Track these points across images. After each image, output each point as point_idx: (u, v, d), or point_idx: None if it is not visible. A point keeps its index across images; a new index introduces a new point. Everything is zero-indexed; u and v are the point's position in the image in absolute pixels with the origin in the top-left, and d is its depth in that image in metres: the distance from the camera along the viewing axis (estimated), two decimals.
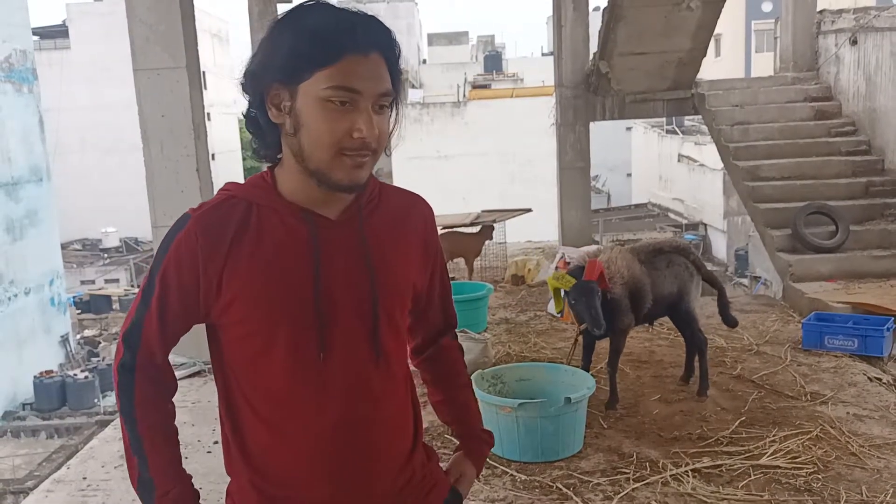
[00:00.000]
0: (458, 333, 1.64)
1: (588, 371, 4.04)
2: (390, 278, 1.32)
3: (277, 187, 1.29)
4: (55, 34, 31.50)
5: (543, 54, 35.48)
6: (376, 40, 1.22)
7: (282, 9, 8.95)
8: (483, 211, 8.76)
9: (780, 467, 3.34)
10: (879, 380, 4.50)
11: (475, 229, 7.74)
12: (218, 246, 1.24)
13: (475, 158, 23.74)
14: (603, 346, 4.27)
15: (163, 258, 1.27)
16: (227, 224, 1.25)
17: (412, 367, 1.49)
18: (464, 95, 28.56)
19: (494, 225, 7.74)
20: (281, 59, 1.20)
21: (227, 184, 1.34)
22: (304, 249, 1.26)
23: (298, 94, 1.20)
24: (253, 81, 1.25)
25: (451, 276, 7.91)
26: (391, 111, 1.27)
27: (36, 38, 25.29)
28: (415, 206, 1.40)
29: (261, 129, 1.28)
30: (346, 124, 1.20)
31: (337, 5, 1.26)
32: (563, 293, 3.90)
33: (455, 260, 7.92)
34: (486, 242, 7.74)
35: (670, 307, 4.20)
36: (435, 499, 1.44)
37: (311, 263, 1.26)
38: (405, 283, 1.36)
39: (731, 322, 4.45)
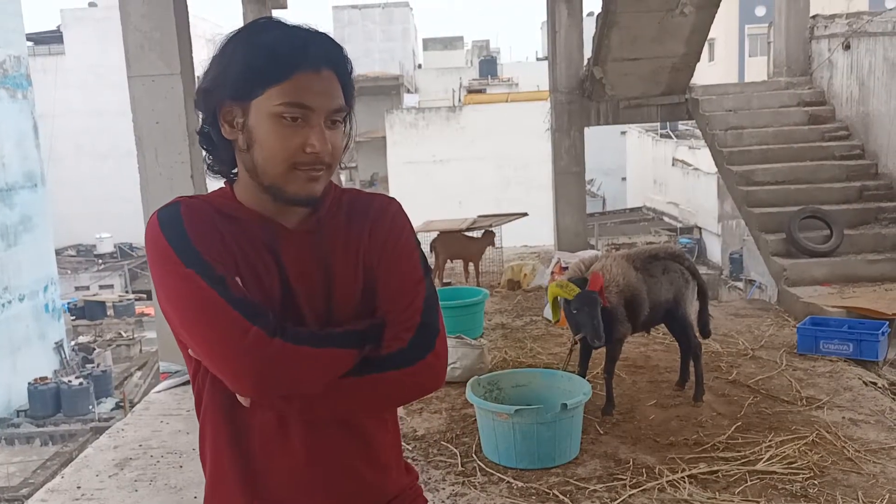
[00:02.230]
0: (452, 340, 1.58)
1: (584, 377, 4.04)
2: (347, 290, 1.30)
3: (237, 199, 1.30)
4: (49, 40, 31.47)
5: (538, 59, 35.56)
6: (328, 57, 1.24)
7: (276, 14, 8.95)
8: (479, 216, 8.77)
9: (776, 473, 3.34)
10: (875, 384, 4.51)
11: (478, 233, 7.76)
12: (216, 228, 1.25)
13: (470, 163, 23.77)
14: (599, 352, 4.27)
15: (184, 235, 1.21)
16: (209, 215, 1.26)
17: None
18: (459, 100, 28.58)
19: (494, 231, 7.76)
20: (233, 76, 1.21)
21: (182, 196, 1.32)
22: (268, 258, 1.26)
23: (251, 110, 1.21)
24: (206, 98, 1.26)
25: (447, 280, 8.00)
26: (344, 126, 1.28)
27: (30, 43, 25.25)
28: (370, 206, 1.35)
29: (214, 145, 1.28)
30: (299, 140, 1.21)
31: (288, 23, 1.27)
32: (561, 302, 3.88)
33: (452, 263, 7.93)
34: (488, 248, 7.76)
35: (667, 314, 4.20)
36: None
37: (275, 272, 1.26)
38: (361, 291, 1.33)
39: (705, 332, 4.42)
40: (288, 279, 1.26)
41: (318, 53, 1.22)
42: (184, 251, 1.20)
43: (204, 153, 1.32)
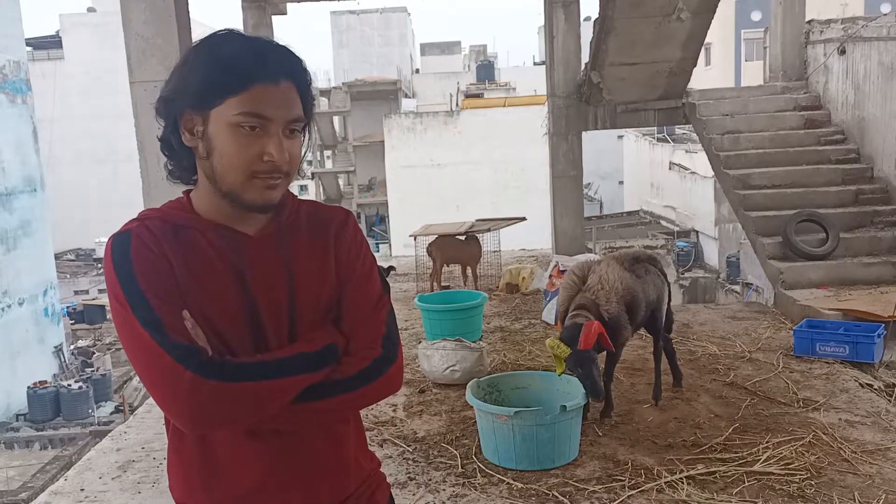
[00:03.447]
0: (451, 343, 1.61)
1: (608, 393, 4.10)
2: (310, 294, 1.33)
3: (195, 209, 1.32)
4: (49, 45, 31.51)
5: (535, 63, 35.67)
6: (286, 69, 1.27)
7: (276, 21, 9.00)
8: (477, 220, 8.80)
9: (773, 474, 3.38)
10: (871, 386, 4.56)
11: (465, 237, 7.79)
12: (165, 256, 1.26)
13: (468, 167, 23.81)
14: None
15: (130, 271, 1.23)
16: (159, 241, 1.26)
17: None
18: (457, 104, 28.64)
19: (479, 237, 7.77)
20: (194, 86, 1.24)
21: (142, 211, 1.34)
22: (228, 266, 1.28)
23: (210, 119, 1.25)
24: (166, 107, 1.29)
25: (445, 284, 8.03)
26: (303, 135, 1.32)
27: (29, 48, 25.26)
28: (332, 219, 1.40)
29: (175, 152, 1.31)
30: (257, 148, 1.24)
31: (248, 35, 1.30)
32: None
33: (449, 266, 7.96)
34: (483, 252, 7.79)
35: (651, 314, 4.25)
36: (381, 497, 1.47)
37: (235, 279, 1.29)
38: (326, 297, 1.35)
39: (670, 329, 4.56)
40: (249, 288, 1.29)
41: (277, 65, 1.26)
42: (128, 287, 1.22)
43: (165, 160, 1.35)
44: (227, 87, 1.22)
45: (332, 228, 1.38)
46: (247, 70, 1.23)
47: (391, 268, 8.28)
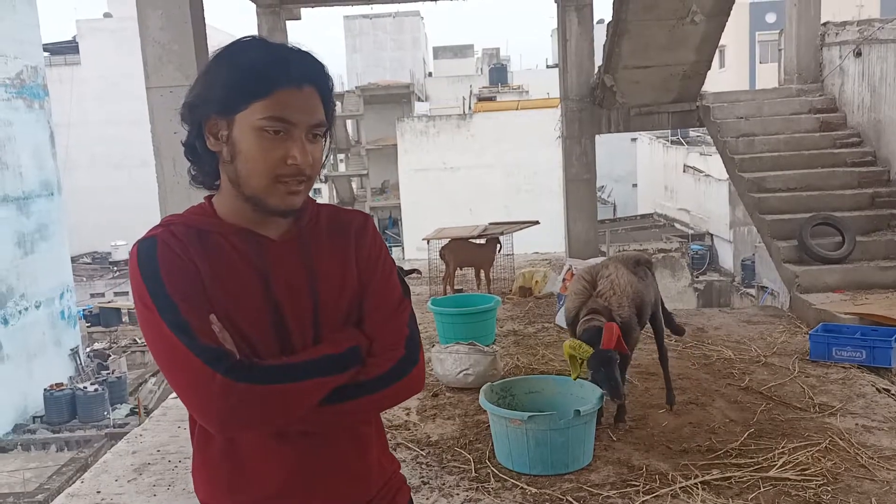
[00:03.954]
0: (464, 347, 1.62)
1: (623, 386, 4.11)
2: (333, 297, 1.35)
3: (217, 213, 1.33)
4: (66, 50, 31.86)
5: (548, 66, 35.61)
6: (309, 74, 1.29)
7: (290, 26, 9.06)
8: (490, 223, 8.81)
9: (789, 479, 3.35)
10: (888, 391, 4.51)
11: (483, 239, 7.80)
12: (191, 260, 1.28)
13: (481, 170, 23.82)
14: None
15: (157, 276, 1.24)
16: (185, 246, 1.28)
17: None
18: (469, 108, 28.65)
19: (500, 238, 7.80)
20: (219, 91, 1.26)
21: (166, 217, 1.36)
22: (252, 269, 1.30)
23: (235, 123, 1.27)
24: (192, 112, 1.31)
25: (459, 287, 8.03)
26: (324, 140, 1.34)
27: (47, 54, 25.57)
28: (352, 223, 1.42)
29: (199, 157, 1.33)
30: (281, 152, 1.26)
31: (271, 42, 1.33)
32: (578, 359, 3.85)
33: (462, 270, 7.97)
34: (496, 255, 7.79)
35: (652, 314, 4.26)
36: (401, 500, 1.48)
37: (260, 283, 1.30)
38: (348, 300, 1.37)
39: (680, 330, 4.63)
40: (273, 291, 1.30)
41: (300, 70, 1.28)
42: (155, 292, 1.23)
43: (188, 165, 1.36)
44: (252, 92, 1.24)
45: (351, 232, 1.40)
46: (271, 75, 1.25)
47: (414, 270, 8.29)
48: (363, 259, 1.39)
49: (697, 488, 3.30)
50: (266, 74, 1.25)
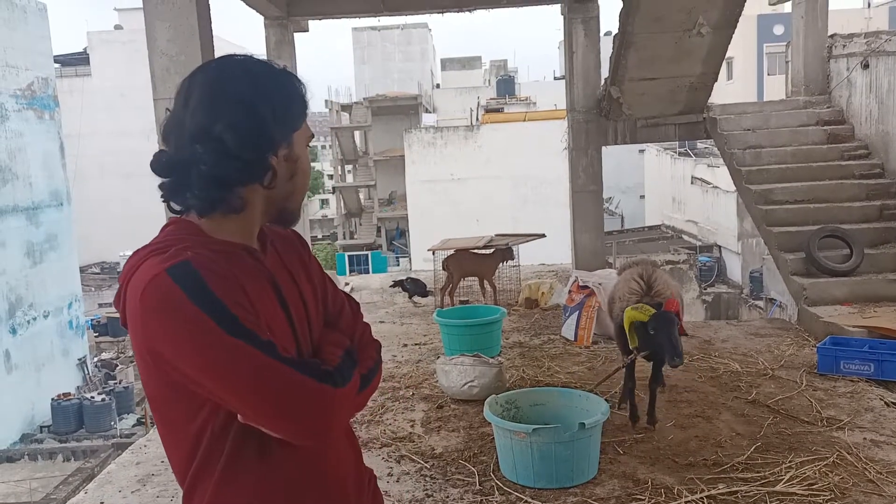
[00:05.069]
0: (469, 359, 1.65)
1: (633, 394, 4.17)
2: (314, 302, 1.40)
3: (209, 233, 1.28)
4: (76, 62, 32.18)
5: (555, 78, 35.72)
6: None
7: (298, 38, 9.10)
8: (497, 235, 8.81)
9: (796, 494, 3.32)
10: None
11: (489, 250, 7.80)
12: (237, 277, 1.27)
13: (488, 181, 23.87)
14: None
15: (216, 302, 1.15)
16: (223, 265, 1.22)
17: None
18: (477, 119, 28.76)
19: (512, 248, 7.80)
20: (283, 119, 1.28)
21: (168, 246, 1.23)
22: (269, 282, 1.30)
23: (294, 142, 1.32)
24: (258, 146, 1.25)
25: (464, 299, 8.01)
26: None
27: (57, 65, 25.84)
28: (295, 238, 1.47)
29: (230, 187, 1.25)
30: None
31: (276, 64, 1.38)
32: (637, 326, 3.85)
33: (465, 281, 7.96)
34: (500, 264, 7.80)
35: None
36: (379, 496, 1.53)
37: (276, 294, 1.30)
38: (322, 304, 1.44)
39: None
40: (285, 301, 1.32)
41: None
42: (221, 318, 1.14)
43: (209, 196, 1.25)
44: (304, 109, 1.33)
45: (297, 246, 1.46)
46: (305, 95, 1.34)
47: (426, 289, 8.33)
48: (316, 269, 1.46)
49: (703, 502, 3.27)
50: (304, 94, 1.33)
